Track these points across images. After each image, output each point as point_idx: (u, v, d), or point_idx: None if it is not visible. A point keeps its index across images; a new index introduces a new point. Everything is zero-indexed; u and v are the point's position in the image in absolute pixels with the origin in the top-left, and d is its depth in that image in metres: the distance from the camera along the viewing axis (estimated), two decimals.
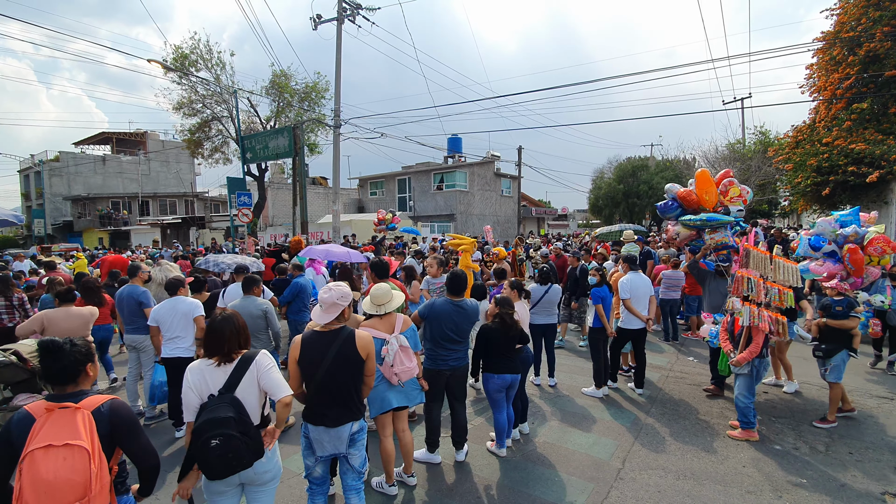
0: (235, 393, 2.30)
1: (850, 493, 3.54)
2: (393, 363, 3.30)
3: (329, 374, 2.72)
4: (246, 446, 2.19)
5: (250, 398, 2.35)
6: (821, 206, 14.56)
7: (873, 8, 13.14)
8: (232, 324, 2.43)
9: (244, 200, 14.90)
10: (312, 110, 21.77)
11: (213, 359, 2.37)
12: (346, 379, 2.78)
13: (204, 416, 2.20)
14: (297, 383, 2.80)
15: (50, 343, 2.05)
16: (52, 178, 34.60)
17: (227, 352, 2.37)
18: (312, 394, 2.77)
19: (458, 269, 4.16)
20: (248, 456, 2.21)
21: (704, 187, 6.20)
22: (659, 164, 32.47)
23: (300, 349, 2.77)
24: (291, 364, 2.79)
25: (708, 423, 4.78)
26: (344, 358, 2.76)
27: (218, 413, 2.17)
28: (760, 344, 4.29)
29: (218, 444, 2.12)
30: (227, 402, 2.23)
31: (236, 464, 2.19)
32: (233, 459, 2.16)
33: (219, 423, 2.14)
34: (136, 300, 5.11)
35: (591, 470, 3.93)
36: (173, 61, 19.56)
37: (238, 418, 2.20)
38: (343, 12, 15.02)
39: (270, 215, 29.19)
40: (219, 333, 2.39)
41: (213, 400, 2.27)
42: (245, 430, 2.21)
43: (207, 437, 2.12)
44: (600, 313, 5.50)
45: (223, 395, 2.28)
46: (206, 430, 2.14)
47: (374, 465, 3.88)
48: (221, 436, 2.12)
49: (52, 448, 1.80)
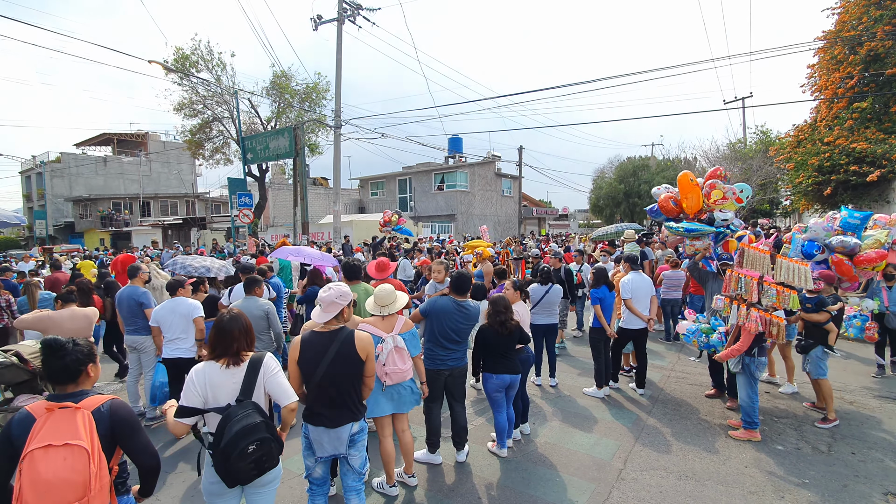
0: (253, 398, 2.31)
1: (852, 494, 3.53)
2: (385, 362, 3.29)
3: (328, 374, 2.71)
4: (278, 446, 2.30)
5: (261, 401, 2.36)
6: (822, 205, 14.54)
7: (874, 7, 13.13)
8: (240, 323, 2.42)
9: (245, 201, 14.93)
10: (313, 111, 21.81)
11: (220, 360, 2.34)
12: (346, 379, 2.77)
13: (234, 426, 2.18)
14: (298, 383, 2.79)
15: (53, 342, 2.05)
16: (53, 180, 34.70)
17: (236, 351, 2.36)
18: (312, 394, 2.77)
19: (463, 270, 4.15)
20: (277, 456, 2.31)
21: (686, 192, 5.89)
22: (660, 163, 32.48)
23: (299, 349, 2.76)
24: (291, 364, 2.79)
25: (710, 424, 4.76)
26: (343, 358, 2.75)
27: (250, 420, 2.20)
28: (748, 344, 4.27)
29: (255, 449, 2.18)
30: (252, 409, 2.25)
31: (268, 465, 2.28)
32: (266, 462, 2.25)
33: (253, 430, 2.19)
34: (137, 301, 5.11)
35: (593, 470, 3.92)
36: (174, 62, 19.61)
37: (267, 422, 2.26)
38: (343, 13, 15.05)
39: (271, 216, 29.21)
40: (227, 333, 2.37)
41: (235, 409, 2.24)
42: (273, 432, 2.28)
43: (245, 444, 2.15)
44: (598, 314, 5.49)
45: (245, 403, 2.27)
46: (242, 438, 2.16)
47: (374, 465, 3.88)
48: (259, 440, 2.19)
49: (52, 448, 1.80)
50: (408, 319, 3.64)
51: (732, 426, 4.59)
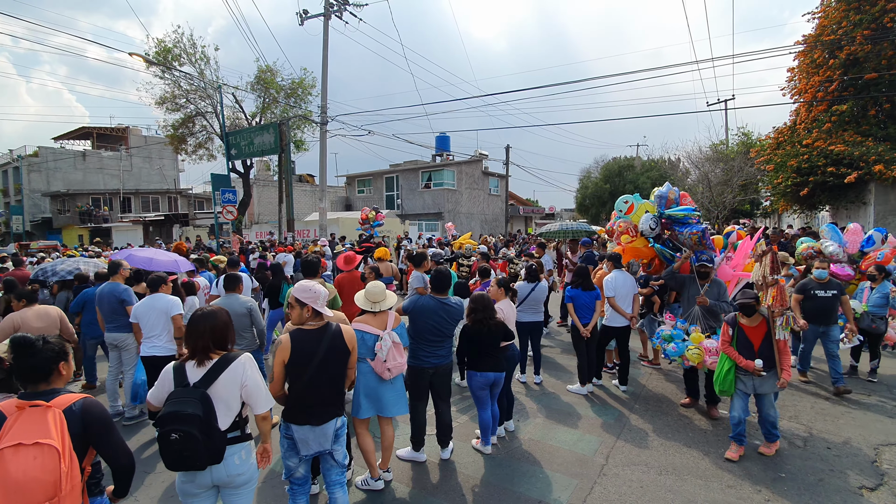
0: (209, 390, 2.24)
1: (827, 488, 3.61)
2: (386, 359, 3.37)
3: (321, 368, 2.76)
4: (205, 448, 2.13)
5: (228, 400, 2.29)
6: (801, 206, 14.86)
7: (854, 11, 13.41)
8: (211, 320, 2.36)
9: (229, 197, 14.74)
10: (299, 107, 21.55)
11: (193, 359, 2.31)
12: (336, 371, 2.86)
13: (169, 406, 2.15)
14: (280, 385, 2.78)
15: (22, 339, 1.99)
16: (30, 174, 33.77)
17: (202, 348, 2.31)
18: (299, 392, 2.76)
19: (441, 267, 4.16)
20: (203, 459, 2.14)
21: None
22: (645, 164, 32.88)
23: (290, 348, 2.74)
24: (278, 367, 2.75)
25: (689, 420, 4.84)
26: (335, 351, 2.84)
27: (184, 408, 2.12)
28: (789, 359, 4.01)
29: (177, 440, 2.07)
30: (196, 398, 2.17)
31: (190, 463, 2.13)
32: (188, 458, 2.11)
33: (182, 419, 2.09)
34: (118, 298, 5.01)
35: (576, 466, 3.95)
36: (156, 55, 19.21)
37: (203, 418, 2.14)
38: (330, 8, 14.91)
39: (256, 213, 28.84)
40: (193, 329, 2.34)
41: (182, 391, 2.21)
42: (208, 431, 2.15)
43: (169, 429, 2.08)
44: (570, 312, 5.54)
45: (195, 389, 2.22)
46: (169, 422, 2.09)
47: (356, 463, 3.85)
48: (182, 432, 2.07)
49: (22, 447, 1.75)
50: (397, 314, 3.71)
51: (731, 459, 4.00)
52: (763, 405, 4.11)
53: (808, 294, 5.64)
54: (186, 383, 2.26)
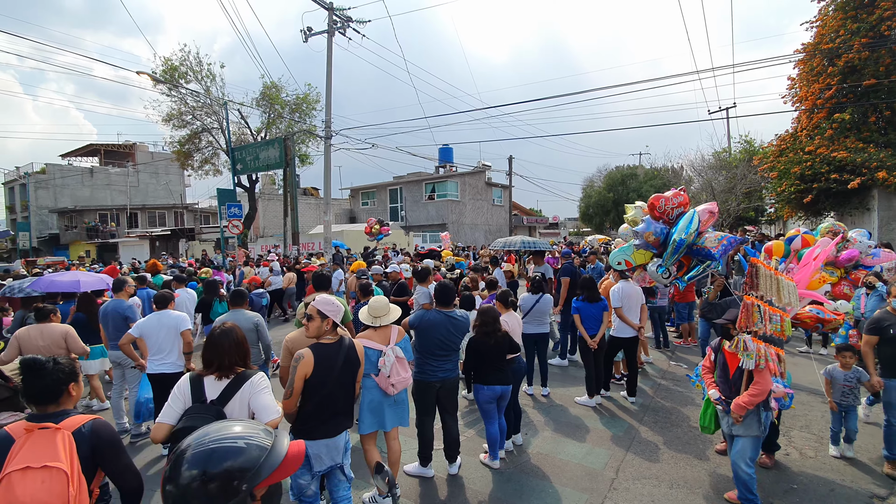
0: (225, 408, 2.26)
1: (839, 498, 3.56)
2: (389, 374, 3.37)
3: (339, 381, 2.85)
4: None
5: (241, 417, 2.30)
6: (805, 212, 14.79)
7: (851, 20, 13.48)
8: (231, 337, 2.43)
9: (234, 212, 14.82)
10: (303, 121, 21.81)
11: (213, 374, 2.35)
12: (350, 382, 2.96)
13: (187, 421, 2.14)
14: (297, 400, 2.79)
15: (32, 361, 2.00)
16: (38, 191, 34.15)
17: (228, 365, 2.37)
18: (316, 406, 2.79)
19: (445, 281, 4.17)
20: None
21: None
22: (648, 172, 32.84)
23: (314, 362, 2.77)
24: (299, 381, 2.75)
25: (699, 432, 4.77)
26: (350, 363, 2.93)
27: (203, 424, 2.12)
28: (767, 388, 3.24)
29: None
30: (212, 415, 2.18)
31: None
32: None
33: None
34: (122, 315, 5.03)
35: (585, 480, 3.91)
36: (163, 73, 19.53)
37: None
38: (333, 25, 15.12)
39: (261, 226, 29.03)
40: (217, 346, 2.39)
41: (200, 407, 2.22)
42: None
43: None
44: (577, 324, 5.52)
45: (212, 406, 2.24)
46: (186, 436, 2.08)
47: (360, 476, 3.82)
48: None
49: (31, 470, 1.75)
50: (401, 329, 3.69)
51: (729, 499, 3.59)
52: (733, 451, 3.38)
53: (884, 335, 3.90)
54: (204, 399, 2.28)
